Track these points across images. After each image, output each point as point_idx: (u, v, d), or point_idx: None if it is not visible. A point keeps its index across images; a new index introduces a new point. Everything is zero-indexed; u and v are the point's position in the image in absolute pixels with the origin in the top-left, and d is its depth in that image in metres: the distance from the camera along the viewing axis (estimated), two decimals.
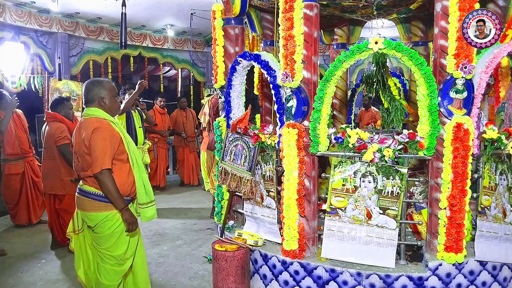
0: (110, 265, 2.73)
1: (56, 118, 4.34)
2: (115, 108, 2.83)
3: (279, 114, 3.15)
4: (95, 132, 2.59)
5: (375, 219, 2.88)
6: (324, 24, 4.49)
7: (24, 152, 5.28)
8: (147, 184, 2.82)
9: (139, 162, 2.78)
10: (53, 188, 4.34)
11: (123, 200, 2.63)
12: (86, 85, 2.79)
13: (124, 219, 2.64)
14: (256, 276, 3.30)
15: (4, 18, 5.62)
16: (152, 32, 7.89)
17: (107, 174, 2.56)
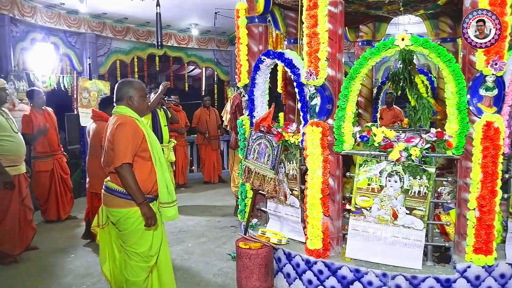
0: (136, 261, 2.76)
1: (103, 118, 4.36)
2: (142, 108, 2.87)
3: (302, 112, 3.13)
4: (118, 128, 2.64)
5: (401, 219, 2.83)
6: (349, 21, 4.42)
7: (53, 150, 5.44)
8: (169, 184, 2.82)
9: (162, 161, 2.79)
10: (94, 187, 4.37)
11: (142, 194, 2.64)
12: (117, 84, 2.86)
13: (143, 213, 2.65)
14: (279, 274, 3.30)
15: (36, 19, 5.80)
16: (177, 31, 7.98)
17: (127, 168, 2.59)
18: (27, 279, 3.78)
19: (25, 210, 4.25)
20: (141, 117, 2.84)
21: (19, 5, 5.48)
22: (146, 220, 2.65)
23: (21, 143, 4.19)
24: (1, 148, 3.98)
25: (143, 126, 2.77)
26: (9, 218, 4.07)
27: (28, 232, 4.32)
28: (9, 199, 4.05)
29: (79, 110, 6.71)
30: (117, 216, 2.71)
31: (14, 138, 4.10)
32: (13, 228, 4.10)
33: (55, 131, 5.50)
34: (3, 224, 4.05)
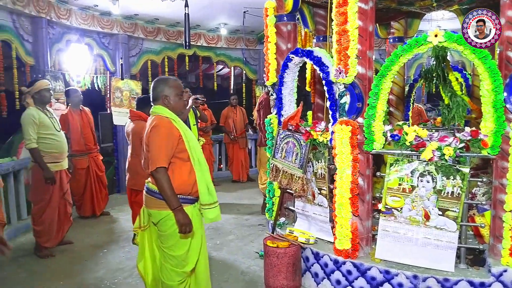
0: (171, 265, 2.68)
1: (141, 117, 4.42)
2: (179, 107, 2.76)
3: (332, 110, 3.10)
4: (152, 130, 2.58)
5: (433, 221, 2.76)
6: (379, 17, 4.34)
7: (89, 149, 5.59)
8: (210, 184, 2.71)
9: (201, 161, 2.69)
10: (134, 184, 4.47)
11: (177, 199, 2.55)
12: (153, 83, 2.79)
13: (177, 219, 2.54)
14: (307, 274, 3.28)
15: (71, 21, 6.00)
16: (206, 31, 8.06)
17: (162, 172, 2.52)
18: (61, 272, 3.92)
19: (65, 204, 4.46)
20: (178, 116, 2.74)
21: (55, 8, 5.68)
22: (180, 227, 2.55)
23: (63, 141, 4.37)
24: (45, 145, 4.15)
25: (180, 126, 2.67)
26: (49, 211, 4.26)
27: (65, 226, 4.52)
28: (51, 194, 4.24)
29: (112, 109, 6.89)
30: (157, 218, 2.65)
31: (57, 136, 4.27)
32: (53, 221, 4.29)
33: (91, 130, 5.64)
34: (44, 217, 4.23)
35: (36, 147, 4.09)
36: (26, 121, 4.07)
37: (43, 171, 4.11)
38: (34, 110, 4.15)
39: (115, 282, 3.70)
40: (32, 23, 5.40)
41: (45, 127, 4.16)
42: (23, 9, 5.06)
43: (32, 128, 4.06)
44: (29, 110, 4.14)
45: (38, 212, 4.26)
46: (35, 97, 4.20)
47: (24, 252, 4.42)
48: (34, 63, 5.47)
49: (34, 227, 4.29)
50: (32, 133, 4.06)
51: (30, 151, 4.12)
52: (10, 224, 4.96)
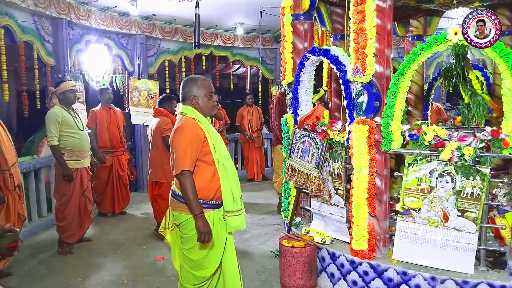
0: (189, 267, 2.64)
1: (162, 113, 4.73)
2: (208, 108, 2.65)
3: (348, 110, 3.08)
4: (177, 132, 2.51)
5: (452, 222, 2.71)
6: (398, 15, 4.29)
7: (113, 147, 5.68)
8: (235, 191, 2.58)
9: (227, 165, 2.58)
10: (155, 176, 4.73)
11: (198, 206, 2.45)
12: (182, 83, 2.69)
13: (197, 226, 2.44)
14: (323, 274, 3.26)
15: (90, 22, 6.10)
16: (223, 31, 8.09)
17: (186, 176, 2.44)
18: (80, 268, 3.99)
19: (85, 201, 4.56)
20: (206, 117, 2.64)
21: (75, 9, 5.78)
22: (199, 235, 2.44)
23: (85, 140, 4.47)
24: (66, 143, 4.27)
25: (206, 128, 2.56)
26: (70, 207, 4.36)
27: (85, 223, 4.62)
28: (72, 190, 4.35)
29: (130, 109, 6.98)
30: (179, 220, 2.59)
31: (78, 135, 4.37)
32: (74, 218, 4.40)
33: (117, 129, 5.72)
34: (65, 213, 4.34)
35: (57, 144, 4.21)
36: (50, 119, 4.21)
37: (62, 168, 4.24)
38: (58, 109, 4.29)
39: (132, 279, 3.75)
40: (52, 24, 5.51)
41: (67, 126, 4.27)
42: (44, 10, 5.17)
43: (54, 126, 4.19)
44: (54, 109, 4.29)
45: (60, 208, 4.37)
46: (60, 97, 4.34)
47: (44, 248, 4.52)
48: (55, 63, 5.58)
49: (57, 223, 4.42)
50: (54, 131, 4.19)
51: (51, 148, 4.25)
52: (31, 221, 5.08)
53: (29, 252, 4.41)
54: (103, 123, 5.59)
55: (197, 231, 2.45)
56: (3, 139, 3.57)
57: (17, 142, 8.34)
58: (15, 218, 3.66)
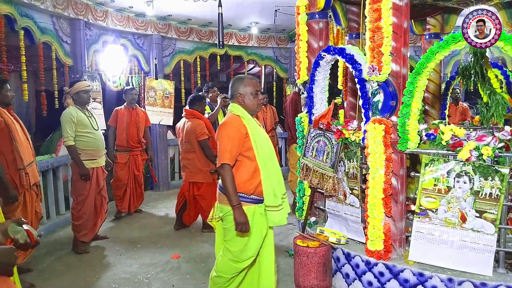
0: (227, 257, 2.75)
1: (195, 115, 4.87)
2: (253, 105, 2.77)
3: (364, 109, 3.05)
4: (221, 128, 2.67)
5: (470, 223, 2.66)
6: (415, 13, 4.23)
7: (130, 146, 5.73)
8: (277, 186, 2.71)
9: (269, 162, 2.70)
10: (193, 177, 4.90)
11: (236, 197, 2.59)
12: (231, 81, 2.85)
13: (234, 217, 2.58)
14: (338, 274, 3.24)
15: (107, 23, 6.18)
16: (237, 30, 8.10)
17: (226, 169, 2.59)
18: (96, 265, 4.05)
19: (101, 200, 4.61)
20: (252, 115, 2.77)
21: (92, 10, 5.86)
22: (236, 226, 2.60)
23: (100, 139, 4.52)
24: (82, 143, 4.32)
25: (248, 124, 2.69)
26: (87, 206, 4.42)
27: (100, 221, 4.67)
28: (88, 190, 4.40)
29: (146, 108, 7.05)
30: (223, 212, 2.73)
31: (93, 134, 4.41)
32: (89, 217, 4.45)
33: (136, 129, 5.75)
34: (82, 212, 4.39)
35: (73, 144, 4.25)
36: (65, 120, 4.25)
37: (78, 167, 4.28)
38: (73, 109, 4.32)
39: (148, 277, 3.79)
40: (70, 25, 5.60)
41: (83, 126, 4.32)
42: (63, 11, 5.25)
43: (70, 126, 4.23)
44: (69, 109, 4.32)
45: (77, 207, 4.42)
46: (73, 97, 4.38)
47: (62, 245, 4.60)
48: (72, 63, 5.67)
49: (73, 221, 4.45)
50: (70, 131, 4.23)
51: (68, 148, 4.29)
52: (49, 219, 5.18)
53: (47, 249, 4.49)
54: (123, 122, 5.66)
55: (234, 221, 2.59)
56: (20, 139, 3.61)
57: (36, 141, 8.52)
58: (33, 216, 3.73)
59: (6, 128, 3.50)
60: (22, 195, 3.59)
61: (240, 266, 2.75)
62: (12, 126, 3.55)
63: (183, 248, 4.51)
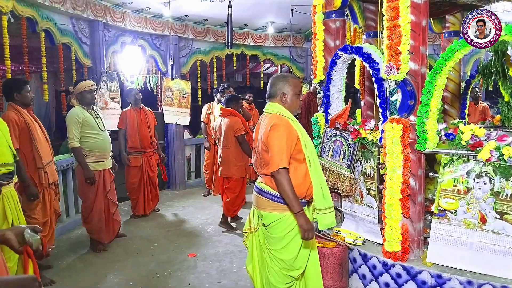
0: (278, 267, 2.58)
1: (232, 113, 5.00)
2: (295, 106, 2.66)
3: (382, 108, 3.02)
4: (273, 129, 2.48)
5: (490, 224, 2.61)
6: (434, 11, 4.16)
7: (143, 148, 5.58)
8: (325, 188, 2.59)
9: (317, 163, 2.59)
10: (227, 173, 5.04)
11: (298, 203, 2.44)
12: (272, 79, 2.70)
13: (299, 224, 2.43)
14: (354, 275, 3.22)
15: (125, 24, 6.26)
16: (253, 30, 8.10)
17: (284, 173, 2.42)
18: (114, 264, 4.11)
19: (108, 203, 4.51)
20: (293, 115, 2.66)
21: (111, 11, 5.95)
22: (303, 233, 2.43)
23: (107, 140, 4.42)
24: (88, 144, 4.23)
25: (297, 127, 2.58)
26: (96, 210, 4.37)
27: (114, 225, 4.61)
28: (95, 193, 4.34)
29: (163, 108, 7.12)
30: (270, 220, 2.56)
31: (100, 136, 4.32)
32: (101, 219, 4.41)
33: (148, 130, 5.61)
34: (92, 215, 4.37)
35: (79, 146, 4.15)
36: (70, 120, 4.16)
37: (83, 170, 4.19)
38: (79, 109, 4.21)
39: (164, 275, 3.82)
40: (89, 26, 5.69)
41: (89, 127, 4.22)
42: (82, 13, 5.34)
43: (75, 128, 4.13)
44: (74, 110, 4.22)
45: (86, 210, 4.39)
46: (78, 97, 4.26)
47: (81, 243, 4.68)
48: (92, 64, 5.76)
49: (84, 225, 4.46)
50: (76, 132, 4.13)
51: (73, 150, 4.19)
52: (69, 217, 5.28)
53: (67, 246, 4.58)
54: (133, 124, 5.53)
55: (301, 229, 2.44)
56: (39, 138, 3.65)
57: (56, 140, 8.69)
58: (52, 213, 3.79)
59: (26, 128, 3.55)
60: (41, 194, 3.64)
61: (294, 274, 2.60)
62: (31, 126, 3.60)
63: (199, 247, 4.54)
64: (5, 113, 3.53)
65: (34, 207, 3.58)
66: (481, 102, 6.75)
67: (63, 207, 5.13)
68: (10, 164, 2.86)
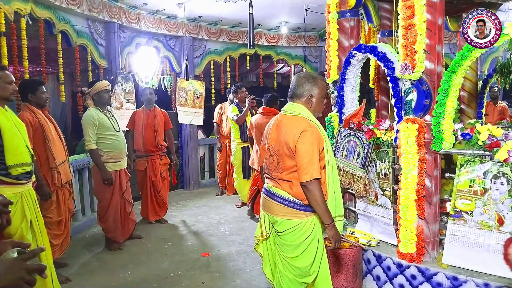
0: (293, 275, 2.49)
1: (275, 112, 4.93)
2: (319, 110, 2.55)
3: (397, 108, 2.99)
4: (304, 136, 2.33)
5: (508, 226, 2.56)
6: (450, 9, 4.10)
7: (147, 151, 5.27)
8: (338, 196, 2.51)
9: (335, 171, 2.51)
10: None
11: (330, 215, 2.35)
12: (298, 79, 2.53)
13: (331, 235, 2.37)
14: (368, 276, 3.19)
15: (140, 25, 6.32)
16: (267, 30, 8.10)
17: (317, 184, 2.31)
18: (129, 262, 4.15)
19: (124, 203, 4.54)
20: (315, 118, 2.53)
21: (126, 13, 6.02)
22: (334, 243, 2.40)
23: (122, 141, 4.45)
24: (104, 145, 4.27)
25: (323, 132, 2.46)
26: (112, 209, 4.41)
27: (129, 224, 4.65)
28: (111, 193, 4.38)
29: (177, 109, 7.17)
30: (285, 227, 2.45)
31: (116, 136, 4.35)
32: (116, 219, 4.45)
33: (153, 132, 5.28)
34: (107, 215, 4.42)
35: (95, 148, 4.19)
36: (86, 123, 4.18)
37: (101, 172, 4.23)
38: (94, 111, 4.24)
39: (178, 274, 3.85)
40: (105, 28, 5.76)
41: (104, 128, 4.24)
42: (98, 15, 5.42)
43: (91, 130, 4.16)
44: (89, 111, 4.24)
45: (102, 210, 4.43)
46: (94, 98, 4.28)
47: (96, 242, 4.74)
48: (107, 65, 5.83)
49: (100, 224, 4.51)
50: (92, 134, 4.16)
51: (89, 152, 4.24)
52: (85, 215, 5.35)
53: (83, 245, 4.65)
54: (139, 125, 5.27)
55: (332, 240, 2.39)
56: (53, 138, 3.70)
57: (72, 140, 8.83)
58: (66, 213, 3.84)
59: (40, 128, 3.60)
60: (54, 193, 3.70)
61: (308, 280, 2.51)
62: (45, 126, 3.65)
63: (212, 246, 4.56)
64: (20, 113, 3.59)
65: (49, 206, 3.64)
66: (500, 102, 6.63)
67: (79, 206, 5.21)
68: (28, 164, 2.92)
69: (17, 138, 2.86)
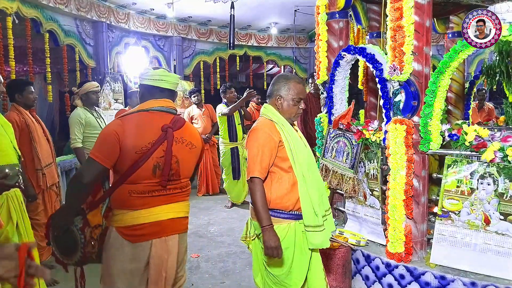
0: (271, 281, 2.35)
1: None
2: (290, 113, 2.34)
3: (385, 109, 3.01)
4: (250, 134, 2.30)
5: (494, 225, 2.60)
6: (437, 11, 4.16)
7: None
8: (317, 203, 2.27)
9: (307, 174, 2.27)
10: None
11: (267, 217, 2.18)
12: (274, 78, 2.44)
13: (264, 239, 2.17)
14: (357, 276, 3.21)
15: (129, 25, 6.29)
16: (256, 31, 8.12)
17: (255, 183, 2.20)
18: None
19: None
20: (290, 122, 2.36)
21: (115, 12, 5.98)
22: (266, 250, 2.18)
23: None
24: (90, 145, 4.17)
25: (283, 130, 2.29)
26: None
27: None
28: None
29: None
30: (258, 230, 2.33)
31: None
32: None
33: None
34: None
35: (81, 146, 4.15)
36: (73, 121, 4.16)
37: None
38: (81, 111, 4.23)
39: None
40: (93, 27, 5.72)
41: (91, 127, 4.22)
42: (86, 14, 5.37)
43: (77, 128, 4.14)
44: (77, 111, 4.24)
45: None
46: (82, 98, 4.27)
47: None
48: (95, 65, 5.79)
49: None
50: (78, 133, 4.13)
51: (75, 150, 4.20)
52: None
53: None
54: None
55: (264, 245, 2.19)
56: (40, 140, 3.66)
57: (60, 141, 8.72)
58: None
59: (26, 129, 3.56)
60: (41, 195, 3.64)
61: None
62: (32, 127, 3.60)
63: (202, 247, 4.54)
64: (7, 114, 3.55)
65: (35, 208, 3.60)
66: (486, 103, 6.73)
67: None
68: (15, 165, 2.88)
69: (4, 139, 2.82)
